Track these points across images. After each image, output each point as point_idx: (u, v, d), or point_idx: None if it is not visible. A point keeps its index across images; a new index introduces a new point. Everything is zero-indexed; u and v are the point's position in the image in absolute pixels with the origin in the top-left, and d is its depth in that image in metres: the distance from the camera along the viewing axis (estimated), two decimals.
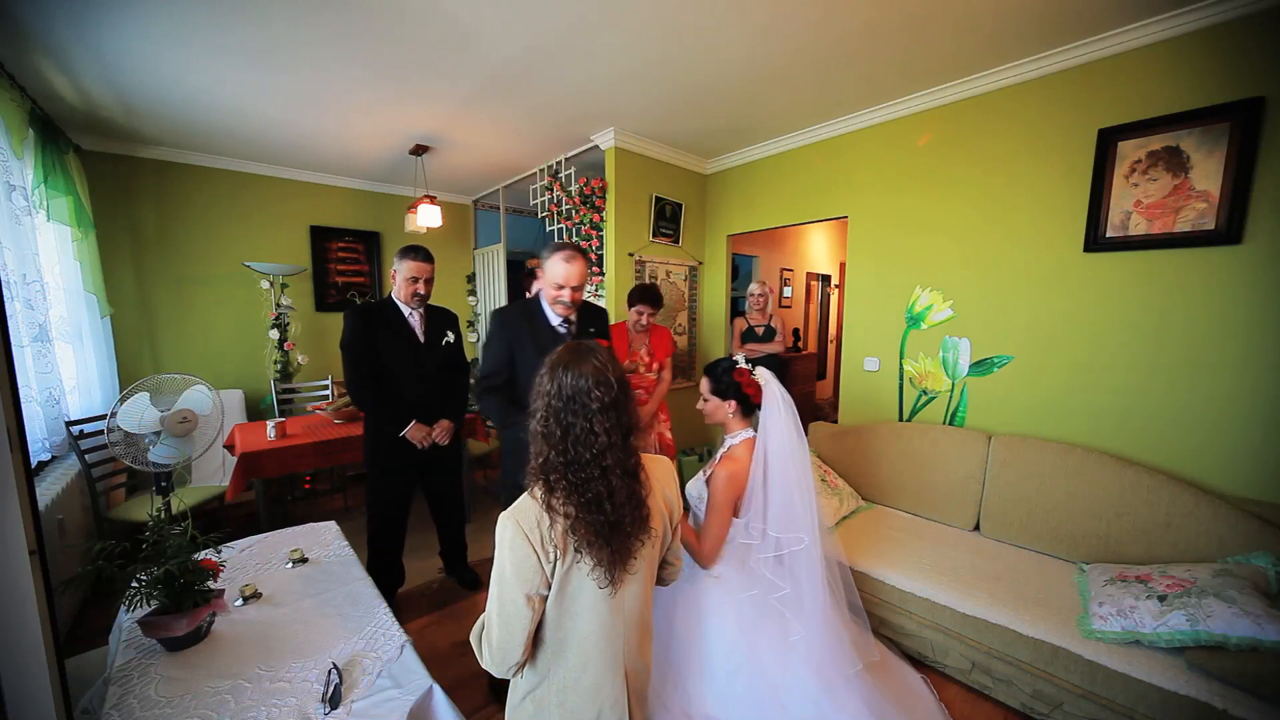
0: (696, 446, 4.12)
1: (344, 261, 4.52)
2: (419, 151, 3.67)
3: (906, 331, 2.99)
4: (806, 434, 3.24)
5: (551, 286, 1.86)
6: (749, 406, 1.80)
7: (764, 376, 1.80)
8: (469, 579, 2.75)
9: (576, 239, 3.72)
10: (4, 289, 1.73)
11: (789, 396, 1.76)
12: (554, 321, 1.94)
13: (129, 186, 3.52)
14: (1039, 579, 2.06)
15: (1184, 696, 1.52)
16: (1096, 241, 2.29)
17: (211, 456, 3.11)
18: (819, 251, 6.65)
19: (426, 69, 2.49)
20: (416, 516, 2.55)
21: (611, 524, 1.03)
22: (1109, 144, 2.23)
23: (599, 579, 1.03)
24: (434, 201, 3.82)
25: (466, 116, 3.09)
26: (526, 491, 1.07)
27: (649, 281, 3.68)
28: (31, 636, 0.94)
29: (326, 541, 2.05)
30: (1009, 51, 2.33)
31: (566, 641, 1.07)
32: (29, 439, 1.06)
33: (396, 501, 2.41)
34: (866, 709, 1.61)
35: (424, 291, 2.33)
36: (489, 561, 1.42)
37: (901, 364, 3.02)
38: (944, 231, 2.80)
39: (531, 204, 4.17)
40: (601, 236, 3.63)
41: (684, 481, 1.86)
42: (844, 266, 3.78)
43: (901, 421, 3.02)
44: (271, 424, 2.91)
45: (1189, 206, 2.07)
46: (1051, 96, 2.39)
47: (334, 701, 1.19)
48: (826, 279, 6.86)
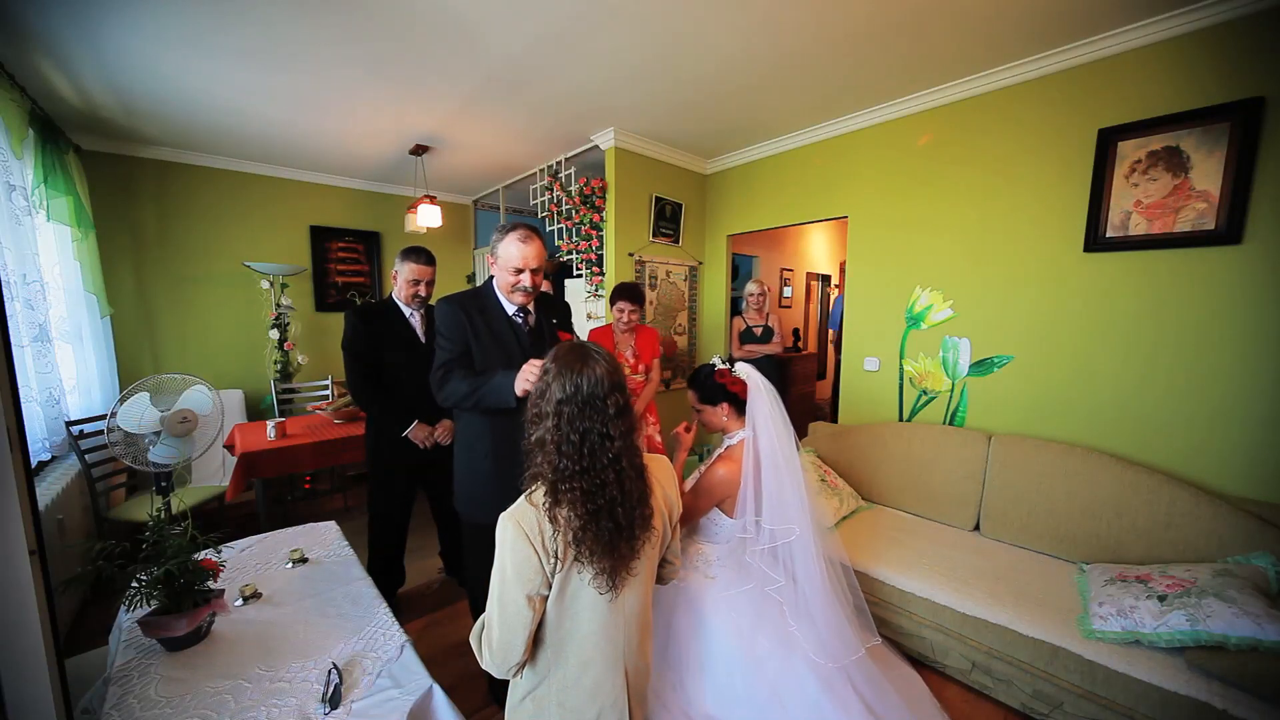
0: (697, 447, 4.12)
1: (344, 261, 4.52)
2: (419, 151, 3.67)
3: (906, 331, 2.99)
4: (806, 434, 3.28)
5: (508, 271, 1.64)
6: (740, 404, 1.81)
7: (743, 370, 1.81)
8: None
9: (576, 239, 3.72)
10: (4, 289, 1.73)
11: (772, 388, 1.77)
12: (509, 311, 1.74)
13: (129, 186, 3.52)
14: (1039, 579, 2.06)
15: (1184, 696, 1.51)
16: (1096, 241, 2.29)
17: (211, 456, 3.11)
18: (819, 251, 6.65)
19: (426, 69, 2.49)
20: (417, 516, 2.55)
21: (619, 528, 1.02)
22: (1109, 144, 2.23)
23: (600, 585, 1.02)
24: (434, 201, 3.82)
25: (467, 116, 3.09)
26: (525, 495, 1.06)
27: (630, 280, 3.56)
28: (31, 636, 0.94)
29: (326, 541, 2.05)
30: (1009, 51, 2.33)
31: (567, 641, 1.07)
32: (29, 439, 1.06)
33: (398, 502, 2.41)
34: (866, 707, 1.61)
35: (425, 294, 2.34)
36: None
37: (901, 364, 3.02)
38: (944, 231, 2.80)
39: (531, 204, 4.17)
40: (601, 236, 3.63)
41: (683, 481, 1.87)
42: (844, 266, 3.78)
43: (901, 421, 3.02)
44: (271, 424, 2.91)
45: (1189, 206, 2.07)
46: (1051, 96, 2.39)
47: (334, 701, 1.19)
48: (826, 279, 6.86)
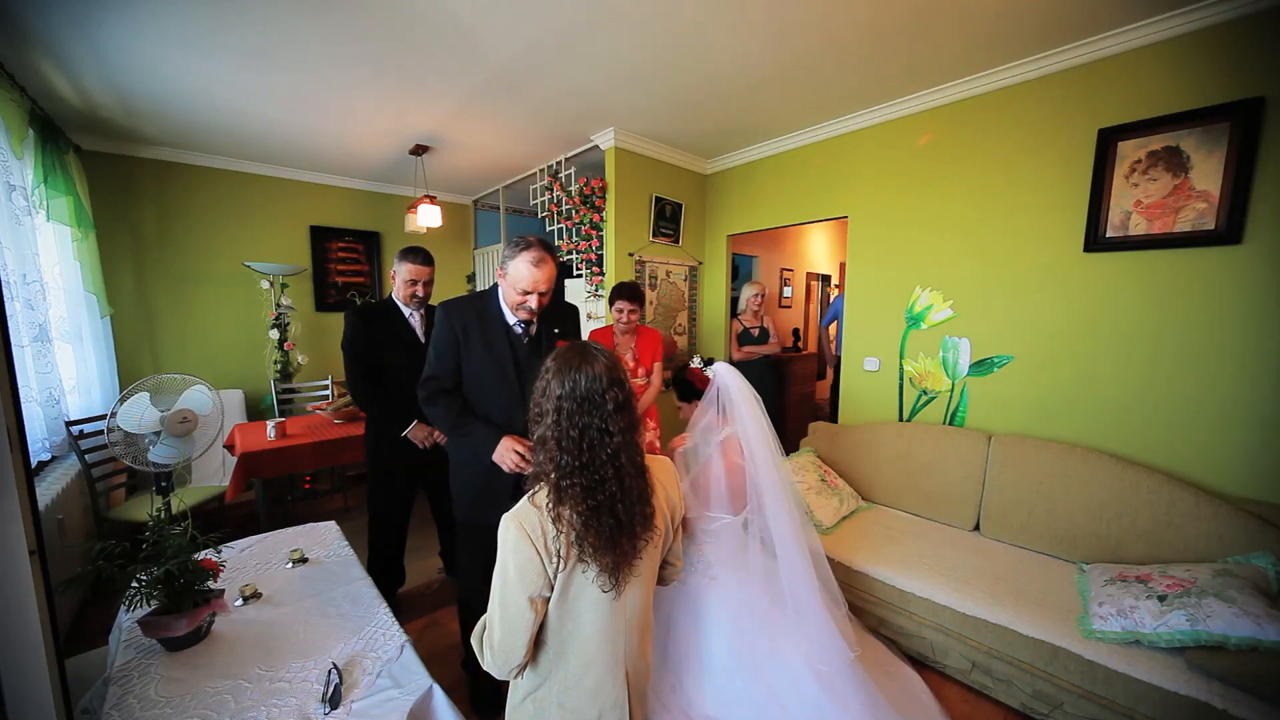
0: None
1: (344, 261, 4.52)
2: (419, 151, 3.67)
3: (906, 331, 2.99)
4: (806, 434, 3.28)
5: (516, 291, 1.61)
6: (703, 396, 1.85)
7: (715, 370, 1.84)
8: None
9: (576, 239, 3.72)
10: (4, 289, 1.73)
11: (747, 385, 1.80)
12: (510, 321, 1.73)
13: (129, 186, 3.52)
14: (1039, 579, 2.06)
15: (1184, 696, 1.51)
16: (1096, 241, 2.29)
17: (211, 456, 3.11)
18: (819, 251, 6.64)
19: (427, 69, 2.49)
20: (417, 516, 2.55)
21: (620, 524, 1.03)
22: (1109, 144, 2.23)
23: (603, 584, 1.02)
24: (434, 201, 3.82)
25: (467, 116, 3.09)
26: (527, 496, 1.06)
27: (629, 280, 3.54)
28: (31, 636, 0.94)
29: (326, 541, 2.05)
30: (1009, 51, 2.33)
31: (568, 643, 1.07)
32: (29, 439, 1.06)
33: (397, 501, 2.41)
34: (865, 707, 1.61)
35: (423, 294, 2.34)
36: None
37: (901, 364, 3.02)
38: (944, 231, 2.80)
39: (531, 204, 4.17)
40: (601, 236, 3.63)
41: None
42: (844, 266, 3.78)
43: (901, 421, 3.02)
44: (271, 424, 2.91)
45: (1189, 206, 2.07)
46: (1051, 96, 2.39)
47: (334, 701, 1.19)
48: (826, 279, 6.86)
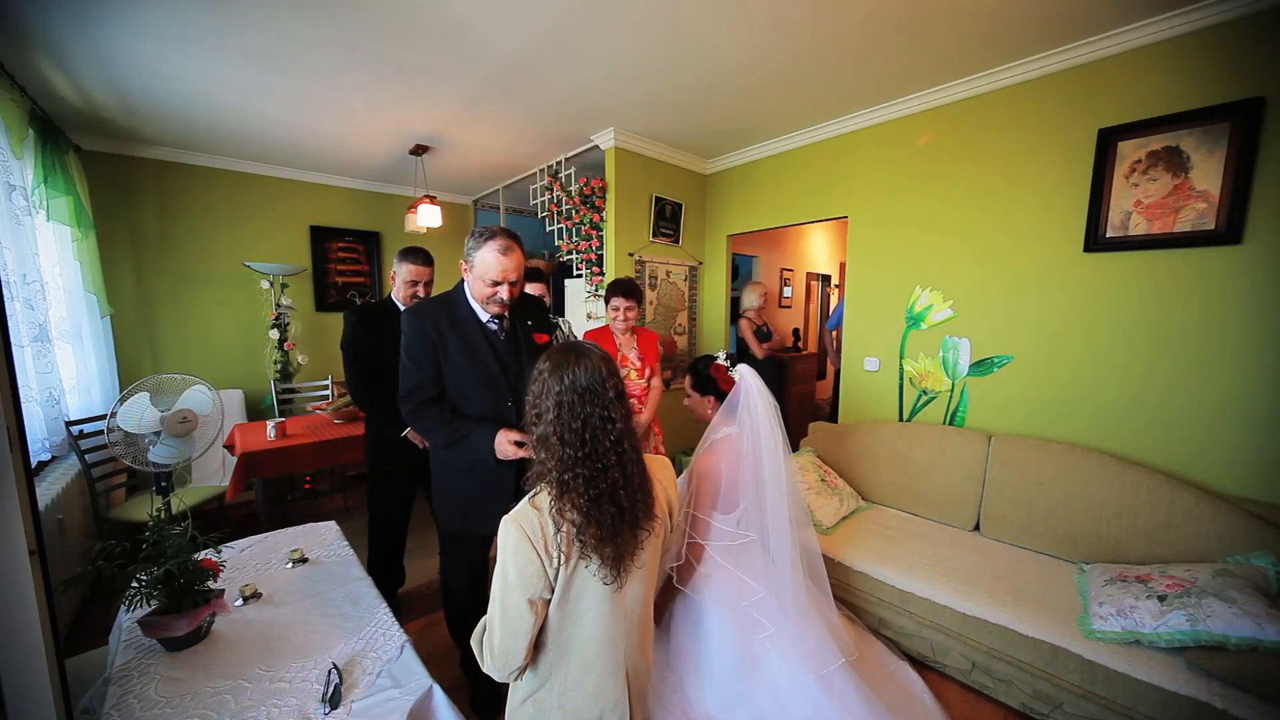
0: (694, 447, 4.12)
1: (344, 261, 4.52)
2: (419, 151, 3.67)
3: (906, 331, 2.99)
4: (806, 434, 3.28)
5: (484, 283, 1.54)
6: (722, 398, 1.85)
7: (739, 372, 1.83)
8: None
9: (576, 239, 3.72)
10: (4, 289, 1.73)
11: (768, 393, 1.79)
12: (483, 318, 1.66)
13: (129, 186, 3.52)
14: (1039, 579, 2.06)
15: (1184, 696, 1.51)
16: (1096, 241, 2.29)
17: (211, 456, 3.11)
18: (819, 251, 6.64)
19: (426, 69, 2.49)
20: (417, 517, 2.55)
21: (622, 511, 1.04)
22: (1109, 144, 2.23)
23: (605, 577, 1.03)
24: (434, 201, 3.83)
25: (466, 116, 3.09)
26: (527, 498, 1.07)
27: (628, 277, 3.46)
28: (31, 636, 0.94)
29: (326, 541, 2.05)
30: (1009, 51, 2.33)
31: (569, 644, 1.07)
32: (29, 439, 1.06)
33: (397, 501, 2.41)
34: (865, 708, 1.61)
35: (423, 294, 2.33)
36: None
37: (901, 364, 3.02)
38: (944, 231, 2.79)
39: (531, 204, 4.17)
40: (601, 236, 3.63)
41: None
42: (844, 266, 3.78)
43: (901, 421, 3.02)
44: (271, 424, 2.91)
45: (1189, 206, 2.07)
46: (1051, 96, 2.38)
47: (334, 701, 1.19)
48: (826, 279, 6.86)
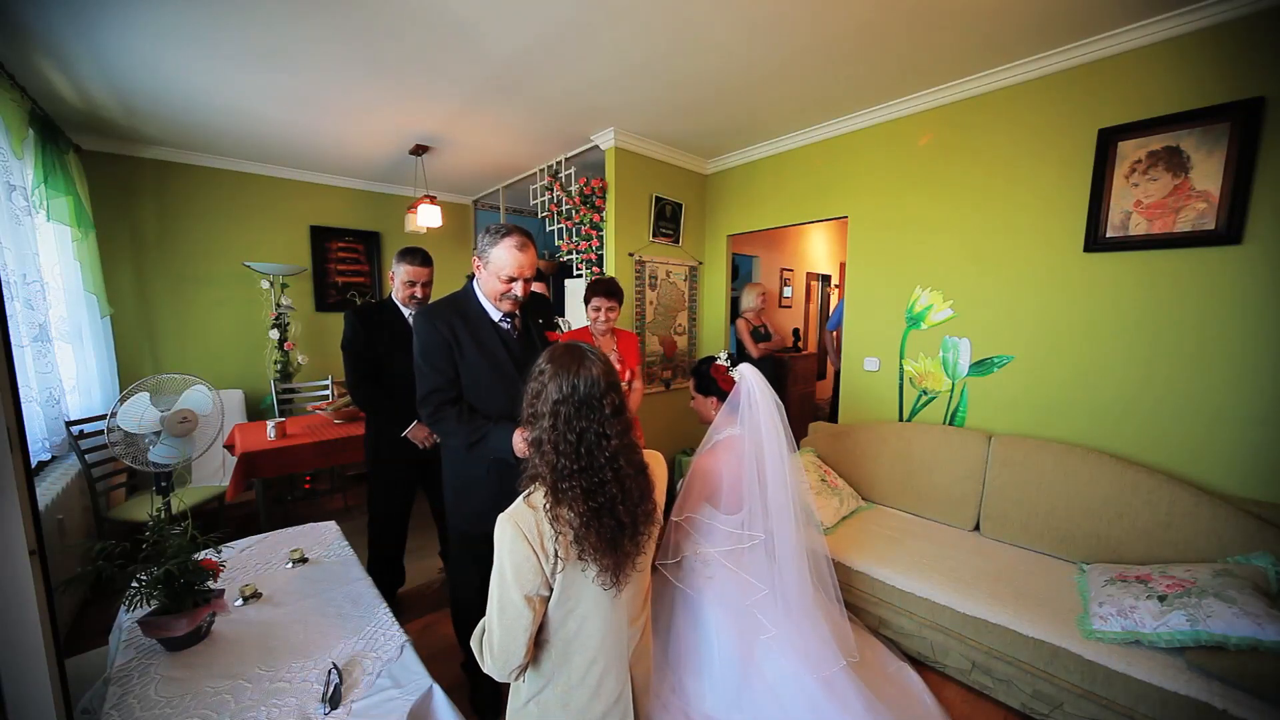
0: (694, 447, 4.12)
1: (344, 261, 4.52)
2: (419, 151, 3.67)
3: (906, 331, 2.99)
4: (806, 434, 3.28)
5: (499, 280, 1.57)
6: (724, 398, 1.84)
7: (740, 371, 1.82)
8: None
9: (576, 239, 3.72)
10: (4, 289, 1.73)
11: (771, 392, 1.78)
12: (495, 317, 1.68)
13: (129, 186, 3.52)
14: (1039, 579, 2.06)
15: (1184, 696, 1.51)
16: (1097, 241, 2.29)
17: (211, 456, 3.11)
18: (819, 251, 6.65)
19: (426, 69, 2.49)
20: (417, 517, 2.55)
21: (622, 526, 1.03)
22: (1109, 144, 2.23)
23: (603, 582, 1.02)
24: (434, 201, 3.82)
25: (466, 116, 3.09)
26: (522, 496, 1.06)
27: (609, 275, 3.37)
28: (31, 636, 0.94)
29: (326, 541, 2.05)
30: (1009, 51, 2.33)
31: (571, 643, 1.07)
32: (29, 439, 1.06)
33: (397, 501, 2.41)
34: (865, 708, 1.61)
35: (421, 295, 2.33)
36: None
37: (901, 364, 3.02)
38: (944, 231, 2.79)
39: (531, 204, 4.17)
40: (601, 236, 3.63)
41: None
42: (844, 266, 3.78)
43: (901, 421, 3.02)
44: (271, 424, 2.91)
45: (1189, 206, 2.07)
46: (1051, 96, 2.38)
47: (334, 701, 1.19)
48: (826, 279, 6.86)
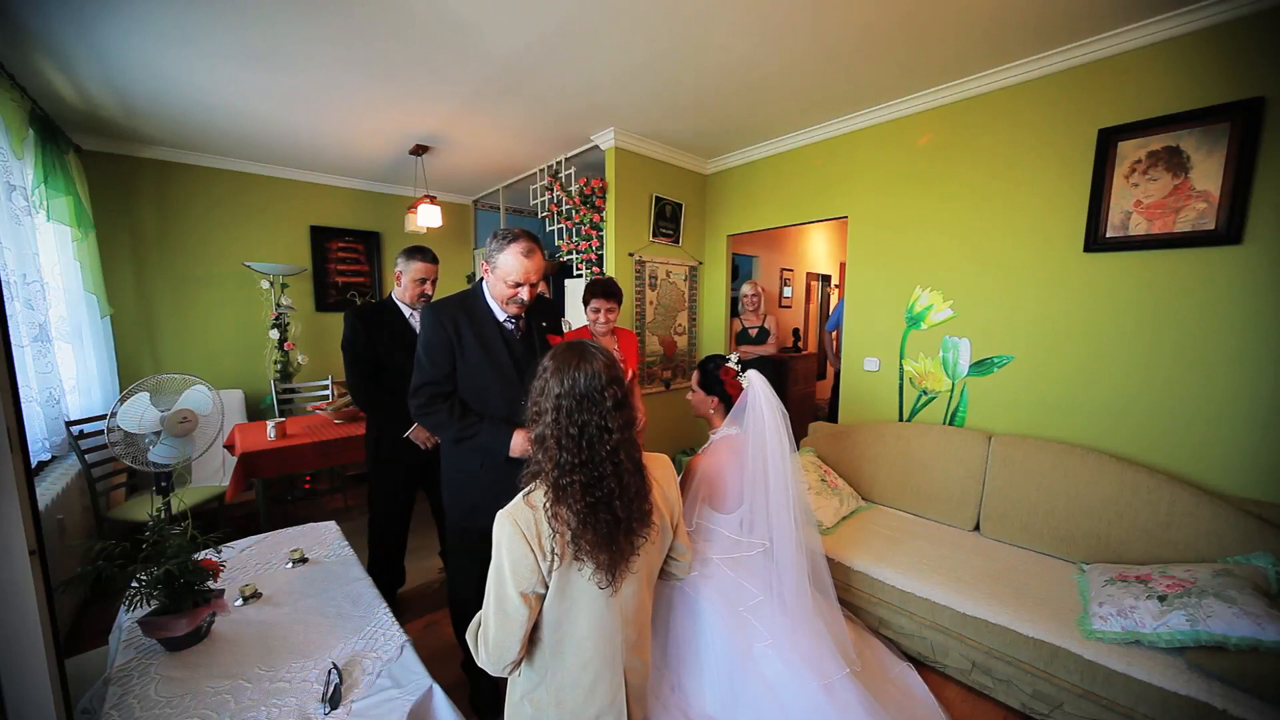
0: (696, 447, 4.11)
1: (344, 261, 4.52)
2: (419, 151, 3.67)
3: (906, 331, 2.99)
4: (806, 434, 3.28)
5: (506, 284, 1.59)
6: (727, 403, 1.86)
7: (749, 378, 1.83)
8: None
9: (576, 239, 3.72)
10: (4, 289, 1.73)
11: (776, 400, 1.79)
12: (500, 318, 1.70)
13: (129, 186, 3.52)
14: (1039, 579, 2.06)
15: (1184, 696, 1.51)
16: (1097, 241, 2.29)
17: (211, 456, 3.11)
18: (819, 251, 6.65)
19: (427, 69, 2.49)
20: (417, 517, 2.55)
21: (618, 522, 1.03)
22: (1109, 144, 2.23)
23: (599, 581, 1.03)
24: (434, 201, 3.82)
25: (466, 116, 3.09)
26: (523, 495, 1.06)
27: (607, 275, 3.37)
28: (31, 636, 0.94)
29: (326, 541, 2.05)
30: (1009, 51, 2.33)
31: (565, 642, 1.07)
32: (29, 439, 1.06)
33: (398, 502, 2.41)
34: (865, 708, 1.61)
35: (430, 292, 2.35)
36: None
37: (901, 364, 3.02)
38: (944, 231, 2.80)
39: (531, 204, 4.17)
40: (601, 236, 3.63)
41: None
42: (844, 266, 3.78)
43: (901, 421, 3.02)
44: (271, 424, 2.91)
45: (1189, 207, 2.07)
46: (1051, 96, 2.39)
47: (334, 701, 1.19)
48: (826, 279, 6.86)
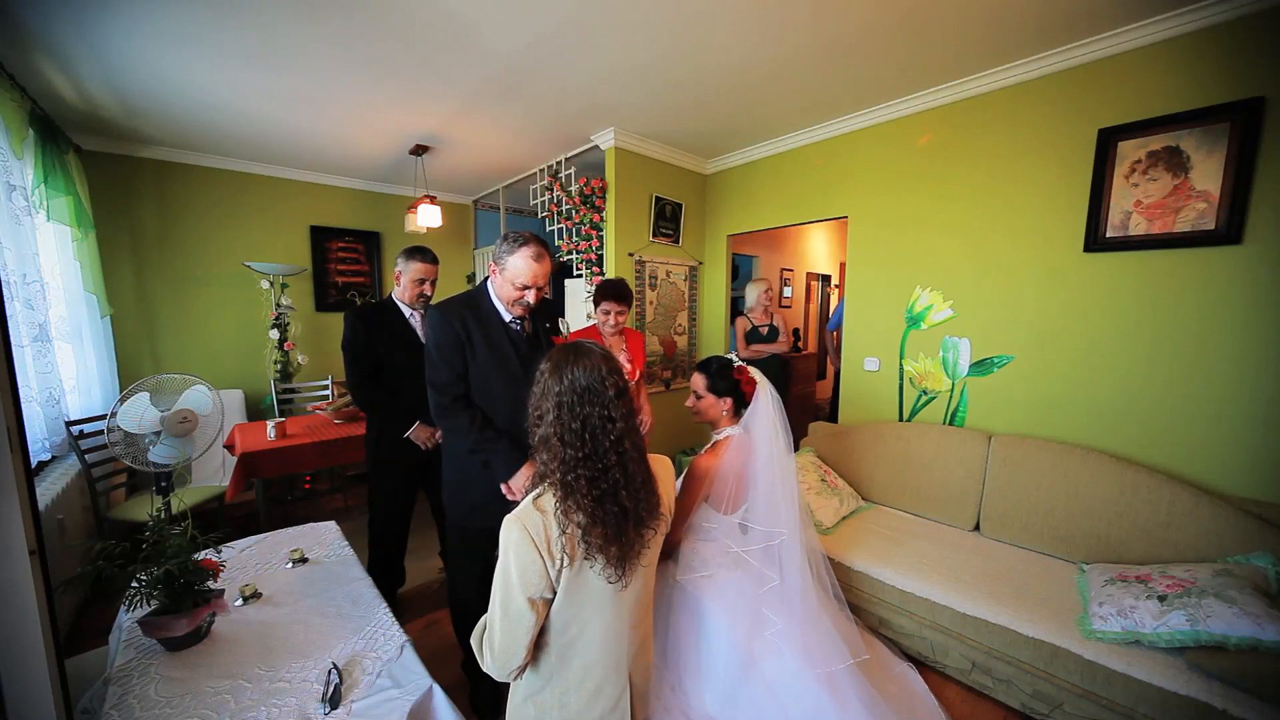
0: (696, 447, 4.11)
1: (344, 261, 4.52)
2: (419, 151, 3.67)
3: (906, 331, 2.99)
4: (806, 434, 3.28)
5: (514, 286, 1.61)
6: (742, 404, 1.84)
7: (756, 376, 1.84)
8: None
9: (576, 239, 3.72)
10: (4, 289, 1.73)
11: (778, 396, 1.80)
12: (506, 318, 1.71)
13: (129, 186, 3.52)
14: (1039, 579, 2.06)
15: (1184, 696, 1.51)
16: (1096, 241, 2.29)
17: (211, 456, 3.10)
18: (819, 251, 6.65)
19: (427, 69, 2.49)
20: (417, 517, 2.55)
21: (626, 512, 1.04)
22: (1109, 144, 2.23)
23: (610, 575, 1.03)
24: (434, 201, 3.82)
25: (466, 116, 3.09)
26: (530, 498, 1.06)
27: (616, 276, 3.43)
28: (31, 636, 0.94)
29: (326, 541, 2.06)
30: (1009, 51, 2.33)
31: (571, 645, 1.07)
32: (29, 439, 1.06)
33: (398, 502, 2.41)
34: (865, 708, 1.61)
35: (430, 293, 2.35)
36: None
37: (901, 364, 3.02)
38: (944, 231, 2.80)
39: (531, 204, 4.17)
40: (601, 236, 3.63)
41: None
42: (844, 266, 3.78)
43: (901, 421, 3.02)
44: (271, 424, 2.91)
45: (1189, 206, 2.07)
46: (1051, 96, 2.39)
47: (334, 701, 1.19)
48: (826, 279, 6.86)
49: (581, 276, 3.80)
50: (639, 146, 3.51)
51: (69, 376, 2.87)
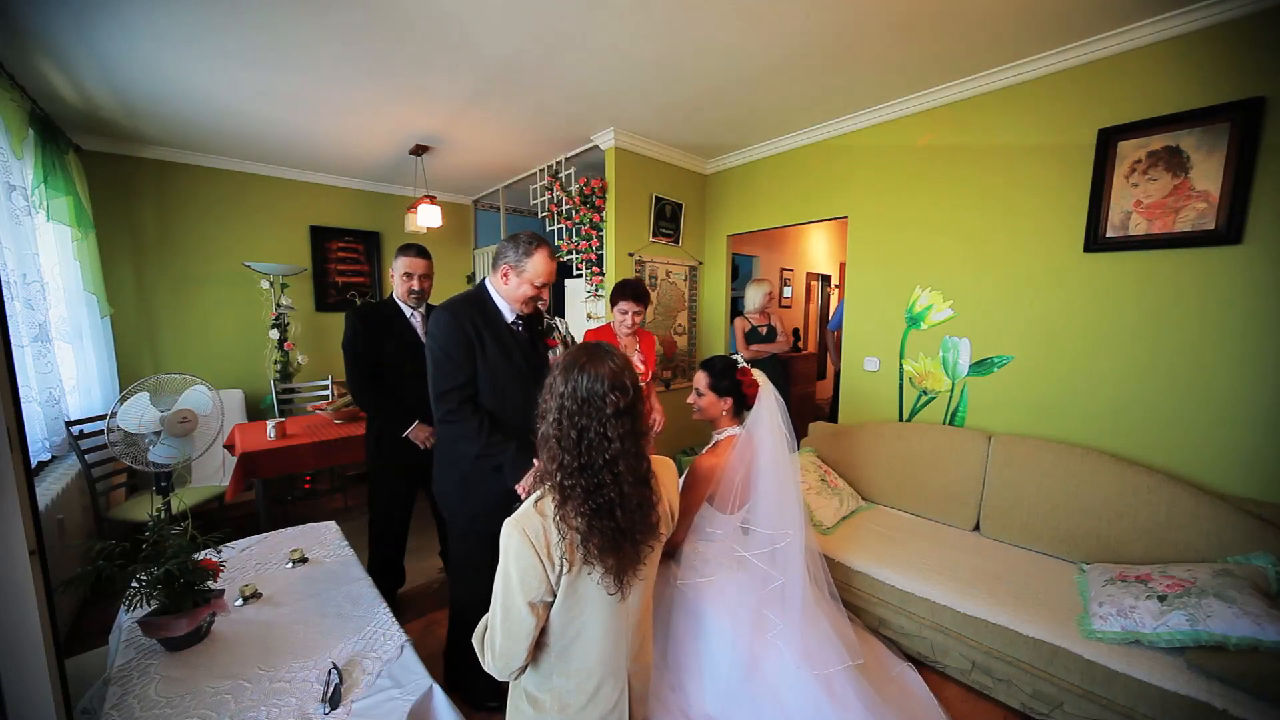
0: (696, 447, 4.11)
1: (344, 261, 4.52)
2: (419, 151, 3.67)
3: (906, 331, 2.99)
4: (806, 434, 3.28)
5: (532, 285, 1.64)
6: (742, 405, 1.84)
7: (759, 378, 1.84)
8: None
9: (576, 239, 3.72)
10: (4, 289, 1.73)
11: (780, 397, 1.81)
12: (509, 318, 1.73)
13: (129, 186, 3.52)
14: (1039, 579, 2.06)
15: (1184, 696, 1.51)
16: (1096, 241, 2.29)
17: (211, 456, 3.10)
18: (819, 251, 6.64)
19: (426, 69, 2.49)
20: (417, 517, 2.55)
21: (621, 530, 1.02)
22: (1109, 144, 2.23)
23: (608, 586, 1.02)
24: (434, 201, 3.82)
25: (466, 116, 3.09)
26: (531, 500, 1.06)
27: (635, 278, 3.40)
28: (31, 636, 0.94)
29: (326, 541, 2.06)
30: (1009, 51, 2.33)
31: (571, 648, 1.07)
32: (29, 439, 1.06)
33: (398, 501, 2.41)
34: (865, 709, 1.61)
35: (419, 288, 2.34)
36: None
37: (901, 364, 3.02)
38: (944, 231, 2.79)
39: (531, 204, 4.17)
40: (601, 236, 3.63)
41: None
42: (844, 266, 3.78)
43: (901, 421, 3.02)
44: (271, 424, 2.91)
45: (1189, 206, 2.07)
46: (1051, 96, 2.38)
47: (334, 701, 1.19)
48: (826, 279, 6.86)
49: (581, 276, 3.80)
50: (639, 146, 3.51)
51: (69, 376, 2.87)
